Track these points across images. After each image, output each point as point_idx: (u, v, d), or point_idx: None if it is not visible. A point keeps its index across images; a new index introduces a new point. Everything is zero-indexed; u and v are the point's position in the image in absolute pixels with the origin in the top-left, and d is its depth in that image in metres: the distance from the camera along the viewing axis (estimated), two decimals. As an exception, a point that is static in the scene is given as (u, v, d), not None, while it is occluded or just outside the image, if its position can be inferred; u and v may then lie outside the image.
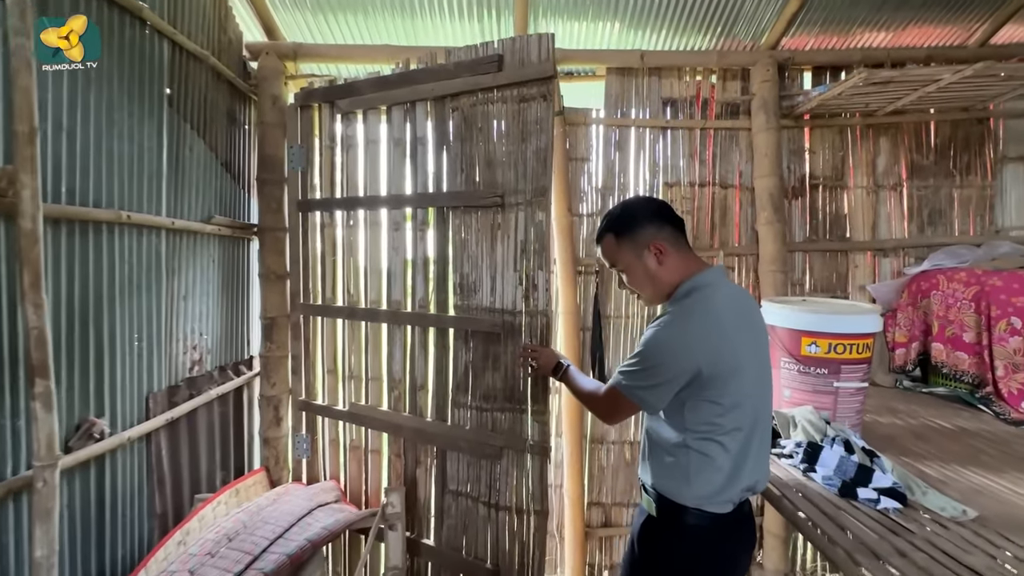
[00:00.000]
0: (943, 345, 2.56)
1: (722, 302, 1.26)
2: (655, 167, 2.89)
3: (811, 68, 2.99)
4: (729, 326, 1.23)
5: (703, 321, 1.21)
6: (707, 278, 1.29)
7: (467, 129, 2.03)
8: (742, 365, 1.22)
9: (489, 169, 1.98)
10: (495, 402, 2.03)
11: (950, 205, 3.02)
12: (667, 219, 1.34)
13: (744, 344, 1.25)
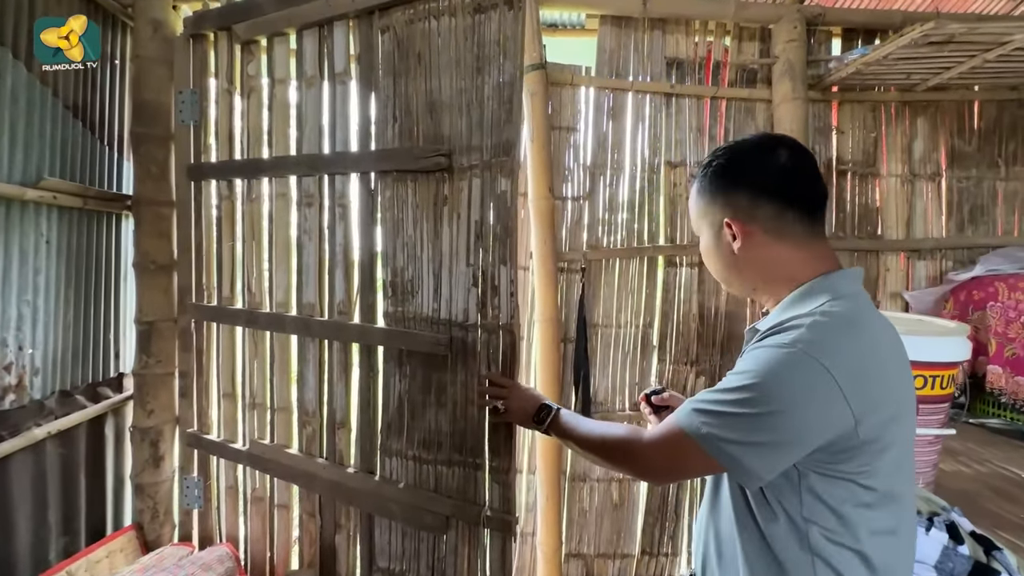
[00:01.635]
0: (1002, 368, 2.09)
1: (876, 325, 0.74)
2: (656, 143, 2.33)
3: (840, 33, 2.49)
4: (890, 364, 0.72)
5: (856, 348, 0.69)
6: (845, 283, 0.76)
7: (402, 58, 1.42)
8: (903, 429, 0.72)
9: (432, 116, 1.38)
10: (439, 452, 1.44)
11: (994, 200, 2.56)
12: (781, 187, 0.79)
13: (905, 399, 0.74)
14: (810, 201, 0.79)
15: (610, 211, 2.30)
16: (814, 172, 0.80)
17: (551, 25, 2.47)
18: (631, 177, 2.31)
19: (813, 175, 0.80)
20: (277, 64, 1.68)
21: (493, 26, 1.30)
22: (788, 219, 0.78)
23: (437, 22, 1.36)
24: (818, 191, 0.80)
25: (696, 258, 2.34)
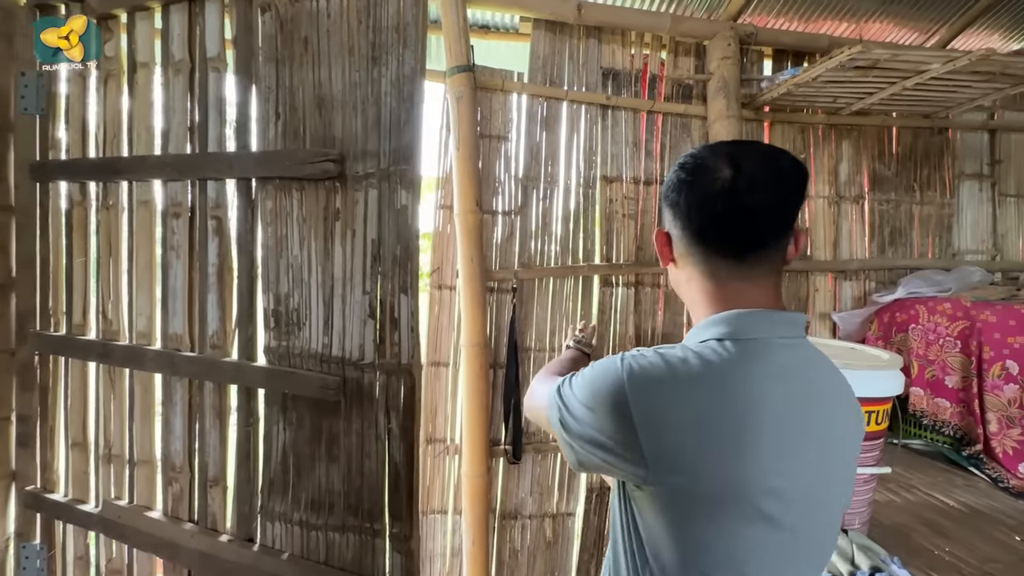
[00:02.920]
0: (923, 390, 2.12)
1: (764, 375, 0.58)
2: (591, 156, 2.21)
3: (772, 54, 2.50)
4: (768, 422, 0.56)
5: (685, 396, 0.56)
6: (759, 325, 0.61)
7: (286, 43, 1.20)
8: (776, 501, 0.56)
9: (321, 114, 1.16)
10: (331, 515, 1.20)
11: (911, 223, 2.65)
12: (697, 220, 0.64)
13: (793, 469, 0.57)
14: (731, 244, 0.62)
15: (543, 227, 2.15)
16: (752, 208, 0.60)
17: (482, 26, 2.31)
18: (565, 191, 2.17)
19: (748, 211, 0.60)
20: (139, 45, 1.38)
21: (390, 9, 1.10)
22: (707, 253, 0.63)
23: (327, 2, 1.15)
24: (745, 233, 0.61)
25: (632, 277, 2.23)
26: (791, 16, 2.50)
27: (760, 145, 0.66)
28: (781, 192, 0.61)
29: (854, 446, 0.65)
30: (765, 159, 0.63)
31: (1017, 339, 1.92)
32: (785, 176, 0.61)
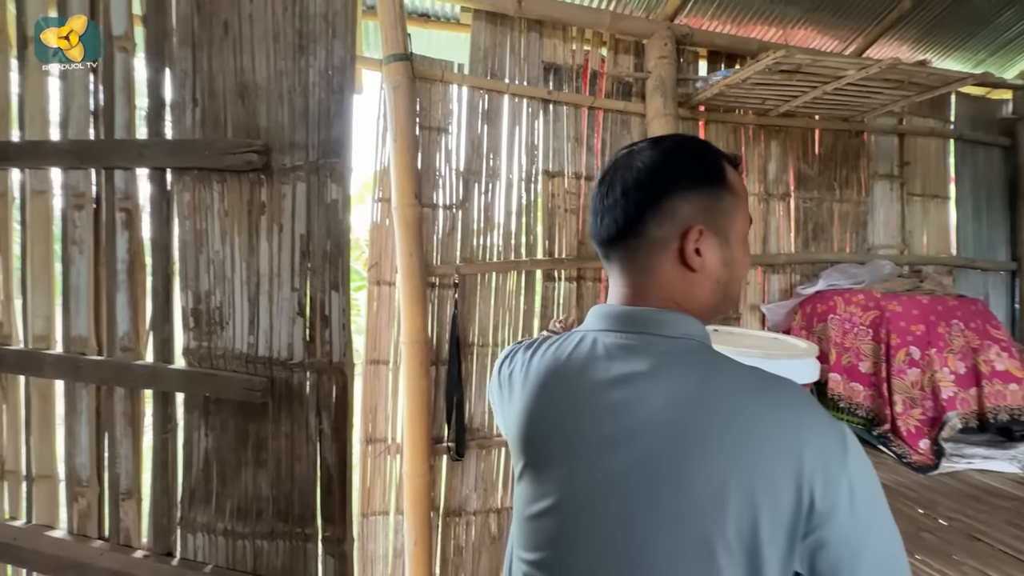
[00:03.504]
0: (840, 375, 2.28)
1: (549, 355, 0.66)
2: (533, 150, 2.22)
3: (707, 55, 2.60)
4: (538, 402, 0.64)
5: (522, 373, 0.68)
6: (588, 319, 0.68)
7: (204, 25, 1.11)
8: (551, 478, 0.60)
9: (244, 103, 1.09)
10: (259, 522, 1.14)
11: (831, 220, 2.85)
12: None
13: (567, 451, 0.60)
14: (594, 242, 0.68)
15: (486, 221, 2.14)
16: (603, 201, 0.64)
17: (422, 15, 2.26)
18: (508, 185, 2.17)
19: (601, 204, 0.64)
20: (30, 12, 1.24)
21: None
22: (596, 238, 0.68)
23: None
24: (594, 232, 0.65)
25: (574, 272, 2.27)
26: (724, 19, 2.61)
27: (642, 141, 0.66)
28: (614, 190, 0.63)
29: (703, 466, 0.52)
30: (615, 157, 0.65)
31: (918, 327, 2.11)
32: (618, 173, 0.63)
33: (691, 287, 0.62)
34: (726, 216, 0.62)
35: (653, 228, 0.61)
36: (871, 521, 0.51)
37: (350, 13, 1.05)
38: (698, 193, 0.61)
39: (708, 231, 0.61)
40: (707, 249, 0.61)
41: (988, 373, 2.05)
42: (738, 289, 0.67)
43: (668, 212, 0.60)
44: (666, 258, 0.62)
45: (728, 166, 0.64)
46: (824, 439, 0.52)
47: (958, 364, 2.05)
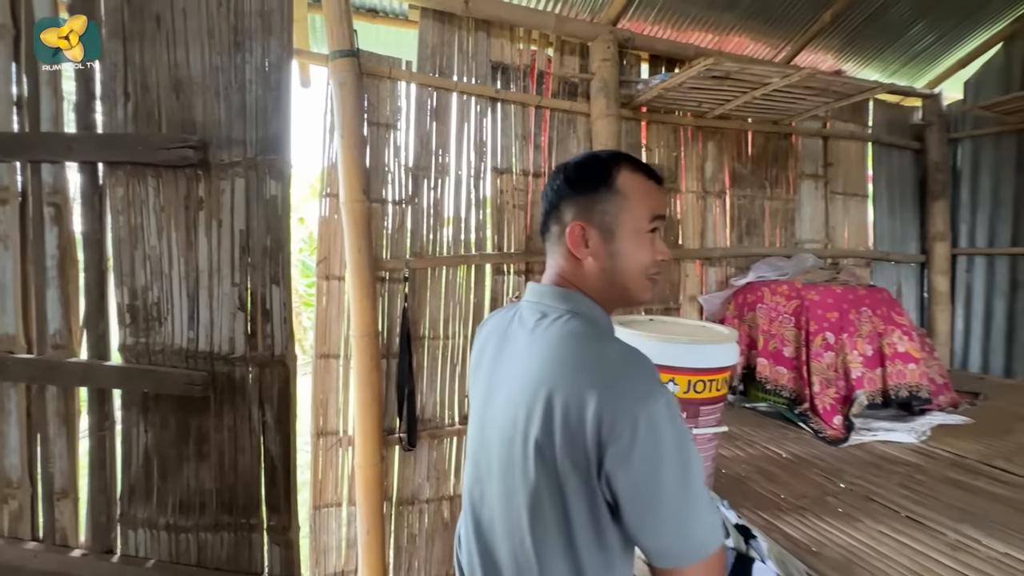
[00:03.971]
0: (767, 360, 2.48)
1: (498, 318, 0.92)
2: (482, 147, 2.27)
3: (648, 58, 2.73)
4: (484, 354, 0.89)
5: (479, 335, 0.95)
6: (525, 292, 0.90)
7: (135, 18, 1.10)
8: (474, 418, 0.88)
9: (179, 98, 1.10)
10: (202, 515, 1.16)
11: (762, 216, 3.06)
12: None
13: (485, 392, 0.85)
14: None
15: (435, 216, 2.18)
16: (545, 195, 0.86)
17: (369, 10, 2.26)
18: (457, 181, 2.22)
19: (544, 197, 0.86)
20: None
21: (252, -7, 1.06)
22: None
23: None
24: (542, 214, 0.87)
25: (523, 266, 2.35)
26: (664, 24, 2.74)
27: (580, 155, 0.85)
28: (544, 193, 0.83)
29: (551, 395, 0.69)
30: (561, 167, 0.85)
31: (833, 314, 2.32)
32: (550, 180, 0.83)
33: (581, 271, 0.80)
34: (610, 215, 0.76)
35: (553, 225, 0.82)
36: (657, 471, 0.64)
37: (286, 11, 1.08)
38: (579, 197, 0.78)
39: (590, 227, 0.77)
40: (591, 241, 0.78)
41: (891, 355, 2.29)
42: (634, 276, 0.79)
43: (559, 213, 0.81)
44: (561, 248, 0.81)
45: (625, 173, 0.74)
46: (631, 386, 0.66)
47: (866, 347, 2.27)
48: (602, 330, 0.77)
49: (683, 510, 0.65)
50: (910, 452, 2.02)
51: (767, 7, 2.75)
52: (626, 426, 0.63)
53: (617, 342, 0.74)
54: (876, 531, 1.44)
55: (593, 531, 0.69)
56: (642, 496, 0.65)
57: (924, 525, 1.47)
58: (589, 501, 0.68)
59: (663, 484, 0.64)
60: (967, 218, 3.49)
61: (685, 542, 0.65)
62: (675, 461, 0.65)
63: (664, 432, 0.64)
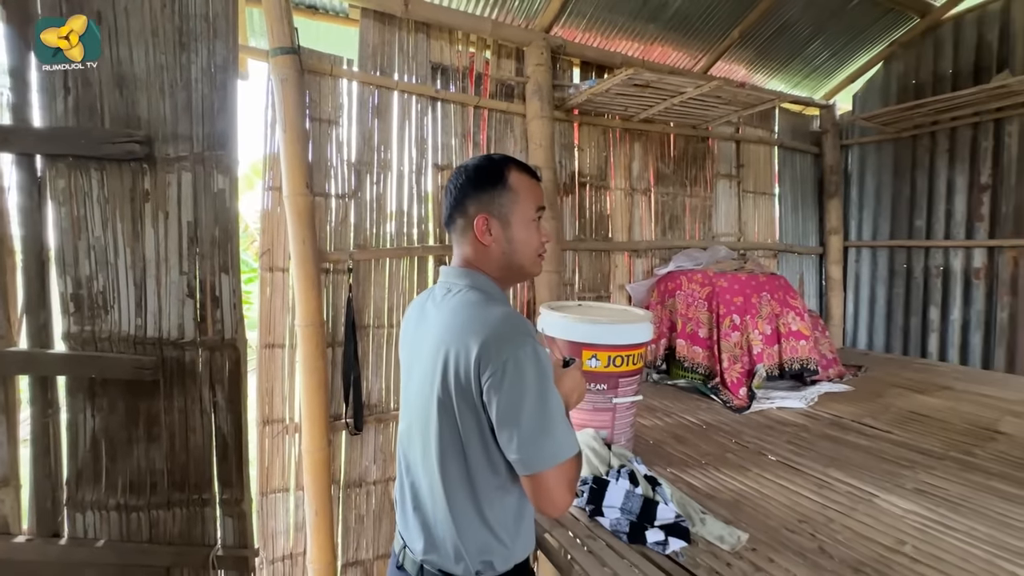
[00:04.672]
0: (685, 340, 2.76)
1: (419, 298, 1.10)
2: (423, 144, 2.38)
3: (579, 64, 2.93)
4: (407, 330, 1.08)
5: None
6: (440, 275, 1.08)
7: (73, 12, 1.13)
8: (403, 383, 1.07)
9: (122, 93, 1.14)
10: (154, 494, 1.22)
11: (683, 212, 3.36)
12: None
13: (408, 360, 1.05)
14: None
15: (378, 210, 2.27)
16: (445, 199, 1.02)
17: (309, 6, 2.30)
18: (399, 176, 2.32)
19: (444, 200, 1.03)
20: None
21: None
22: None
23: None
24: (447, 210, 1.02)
25: (464, 257, 2.48)
26: (594, 33, 2.94)
27: (469, 159, 1.03)
28: (447, 192, 1.00)
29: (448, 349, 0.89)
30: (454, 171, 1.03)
31: (738, 298, 2.63)
32: (449, 181, 1.01)
33: (485, 255, 0.98)
34: (506, 207, 0.96)
35: (459, 218, 0.98)
36: (520, 397, 0.84)
37: (231, 15, 1.15)
38: (481, 194, 0.96)
39: (492, 218, 0.95)
40: (494, 230, 0.96)
41: (786, 333, 2.63)
42: (527, 256, 1.00)
43: (464, 208, 0.97)
44: (467, 237, 0.97)
45: (514, 173, 0.97)
46: (505, 337, 0.85)
47: (765, 327, 2.60)
48: (492, 298, 0.95)
49: (539, 429, 0.84)
50: (799, 415, 2.35)
51: (685, 21, 3.02)
52: (499, 365, 0.83)
53: (501, 307, 0.92)
54: (762, 478, 1.72)
55: (486, 460, 0.89)
56: (508, 418, 0.84)
57: (800, 471, 1.76)
58: (480, 435, 0.88)
59: (524, 409, 0.83)
60: (856, 215, 3.99)
61: (541, 453, 0.84)
62: (535, 392, 0.84)
63: (527, 371, 0.83)
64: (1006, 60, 3.08)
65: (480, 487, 0.91)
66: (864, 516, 1.46)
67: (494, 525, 0.92)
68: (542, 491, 0.86)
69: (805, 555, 1.28)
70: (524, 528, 0.99)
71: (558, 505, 0.87)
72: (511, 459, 0.87)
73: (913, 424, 2.23)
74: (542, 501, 0.87)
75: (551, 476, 0.85)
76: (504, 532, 0.94)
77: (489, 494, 0.91)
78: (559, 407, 0.88)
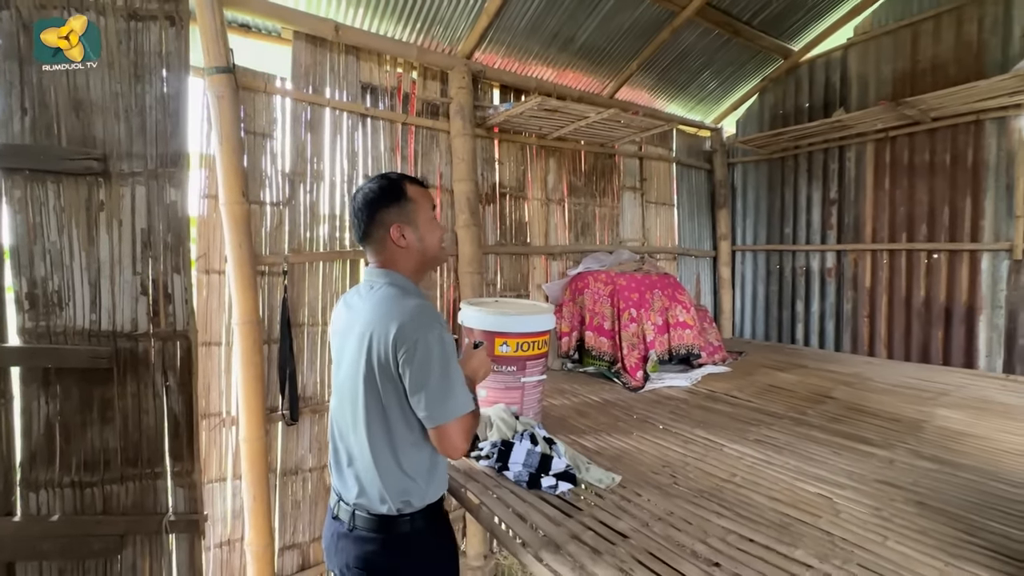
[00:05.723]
0: (592, 332, 3.16)
1: (347, 294, 1.30)
2: (354, 157, 2.60)
3: (499, 86, 3.26)
4: (337, 321, 1.27)
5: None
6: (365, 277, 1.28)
7: (30, 43, 1.28)
8: (335, 366, 1.25)
9: (79, 116, 1.30)
10: (108, 471, 1.37)
11: (594, 220, 3.79)
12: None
13: (339, 346, 1.24)
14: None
15: (312, 217, 2.46)
16: (353, 218, 1.23)
17: (242, 25, 2.44)
18: (331, 186, 2.52)
19: (353, 219, 1.23)
20: None
21: (152, 37, 1.31)
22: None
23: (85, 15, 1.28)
24: (354, 231, 1.24)
25: (394, 260, 2.71)
26: (512, 59, 3.28)
27: (368, 180, 1.24)
28: (355, 212, 1.22)
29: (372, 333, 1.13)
30: (355, 193, 1.24)
31: (635, 295, 3.06)
32: (355, 203, 1.22)
33: (402, 256, 1.23)
34: (412, 213, 1.22)
35: (374, 232, 1.21)
36: (428, 368, 1.09)
37: (183, 52, 1.34)
38: (391, 207, 1.19)
39: (403, 225, 1.20)
40: (407, 235, 1.20)
41: (674, 323, 3.10)
42: (435, 248, 1.28)
43: (379, 222, 1.20)
44: (384, 244, 1.21)
45: (409, 186, 1.24)
46: (418, 322, 1.10)
47: (657, 318, 3.05)
48: (407, 292, 1.19)
49: (441, 392, 1.11)
50: (683, 392, 2.81)
51: (592, 51, 3.44)
52: (411, 344, 1.09)
53: (414, 299, 1.16)
54: (643, 438, 2.11)
55: (403, 421, 1.14)
56: (418, 384, 1.10)
57: (673, 432, 2.17)
58: (398, 400, 1.13)
59: (430, 377, 1.10)
60: (741, 223, 4.64)
61: (443, 409, 1.11)
62: (438, 365, 1.10)
63: (433, 349, 1.10)
64: (845, 98, 3.79)
65: (399, 443, 1.15)
66: (712, 460, 1.88)
67: (410, 472, 1.17)
68: (444, 438, 1.13)
69: (662, 488, 1.66)
70: (437, 474, 1.23)
71: (458, 448, 1.15)
72: (420, 416, 1.13)
73: (769, 394, 2.75)
74: (445, 446, 1.14)
75: (451, 427, 1.13)
76: (420, 477, 1.18)
77: (407, 448, 1.16)
78: (459, 377, 1.15)
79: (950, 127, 3.27)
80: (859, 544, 1.33)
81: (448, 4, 2.65)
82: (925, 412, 2.41)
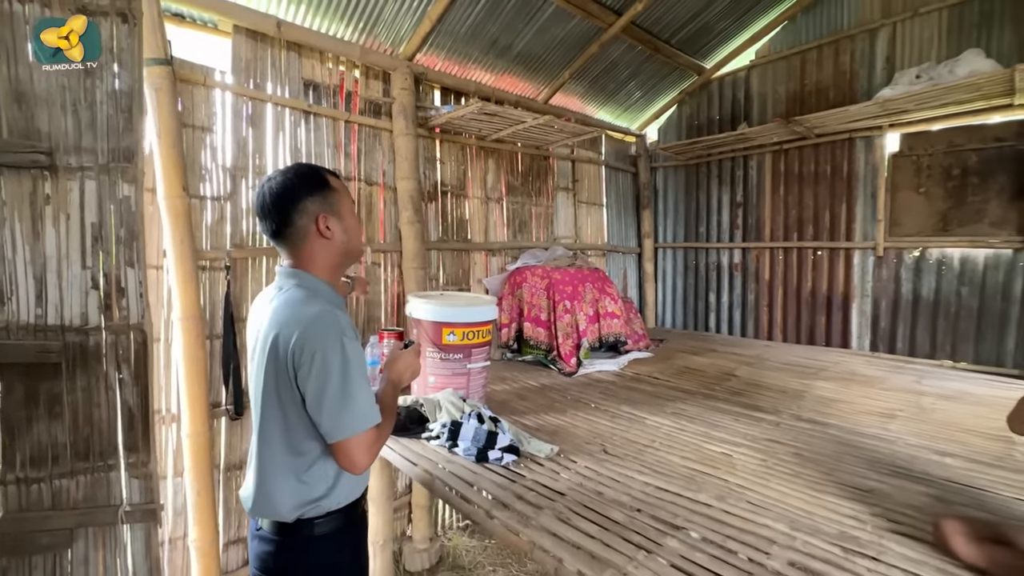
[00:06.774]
0: (530, 323, 3.38)
1: (260, 296, 1.22)
2: (297, 153, 2.62)
3: (440, 88, 3.37)
4: (252, 323, 1.20)
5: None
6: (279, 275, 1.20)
7: (-27, 36, 1.26)
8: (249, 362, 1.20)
9: (21, 108, 1.29)
10: (56, 466, 1.37)
11: (530, 218, 4.01)
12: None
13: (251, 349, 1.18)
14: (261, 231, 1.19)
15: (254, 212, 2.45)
16: (260, 212, 1.14)
17: (176, 14, 2.38)
18: (274, 182, 2.52)
19: (260, 214, 1.14)
20: None
21: (104, 33, 1.32)
22: None
23: (22, 7, 1.27)
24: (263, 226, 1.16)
25: (338, 256, 2.76)
26: (453, 63, 3.41)
27: (275, 172, 1.15)
28: (264, 208, 1.12)
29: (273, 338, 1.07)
30: (261, 184, 1.15)
31: (568, 288, 3.31)
32: (264, 196, 1.12)
33: (325, 250, 1.14)
34: (336, 204, 1.15)
35: (297, 221, 1.11)
36: (325, 380, 1.03)
37: (137, 51, 1.36)
38: (316, 197, 1.12)
39: (329, 215, 1.13)
40: (332, 226, 1.13)
41: (604, 314, 3.39)
42: (359, 240, 1.23)
43: (301, 212, 1.10)
44: (310, 236, 1.12)
45: (329, 176, 1.18)
46: (317, 331, 1.04)
47: (588, 309, 3.33)
48: (315, 295, 1.10)
49: (339, 408, 1.05)
50: (612, 376, 3.10)
51: (528, 59, 3.65)
52: (308, 356, 1.03)
53: (320, 304, 1.07)
54: (576, 415, 2.34)
55: (303, 429, 1.09)
56: (316, 397, 1.04)
57: (603, 409, 2.43)
58: (296, 406, 1.07)
59: (327, 391, 1.03)
60: (663, 222, 5.07)
61: (340, 424, 1.05)
62: (337, 378, 1.03)
63: (332, 361, 1.03)
64: (748, 113, 4.29)
65: (298, 452, 1.09)
66: (636, 430, 2.15)
67: (310, 480, 1.10)
68: (342, 454, 1.07)
69: (593, 455, 1.89)
70: (343, 482, 1.15)
71: (357, 464, 1.08)
72: (321, 431, 1.07)
73: (684, 375, 3.11)
74: (343, 461, 1.08)
75: (350, 443, 1.06)
76: (320, 485, 1.12)
77: (308, 458, 1.10)
78: (360, 389, 1.07)
79: (830, 143, 3.83)
80: (748, 487, 1.63)
81: (391, 6, 2.73)
82: (807, 384, 2.86)
